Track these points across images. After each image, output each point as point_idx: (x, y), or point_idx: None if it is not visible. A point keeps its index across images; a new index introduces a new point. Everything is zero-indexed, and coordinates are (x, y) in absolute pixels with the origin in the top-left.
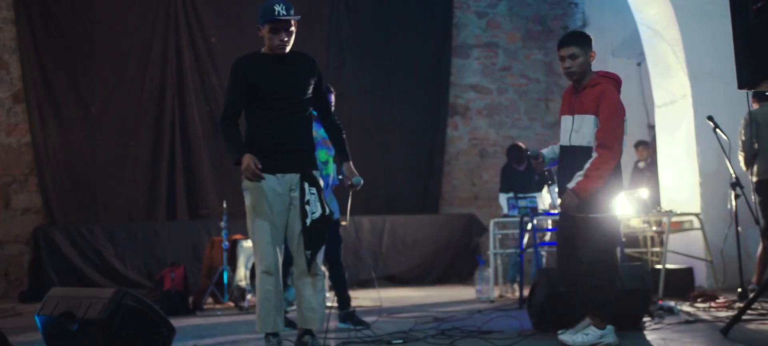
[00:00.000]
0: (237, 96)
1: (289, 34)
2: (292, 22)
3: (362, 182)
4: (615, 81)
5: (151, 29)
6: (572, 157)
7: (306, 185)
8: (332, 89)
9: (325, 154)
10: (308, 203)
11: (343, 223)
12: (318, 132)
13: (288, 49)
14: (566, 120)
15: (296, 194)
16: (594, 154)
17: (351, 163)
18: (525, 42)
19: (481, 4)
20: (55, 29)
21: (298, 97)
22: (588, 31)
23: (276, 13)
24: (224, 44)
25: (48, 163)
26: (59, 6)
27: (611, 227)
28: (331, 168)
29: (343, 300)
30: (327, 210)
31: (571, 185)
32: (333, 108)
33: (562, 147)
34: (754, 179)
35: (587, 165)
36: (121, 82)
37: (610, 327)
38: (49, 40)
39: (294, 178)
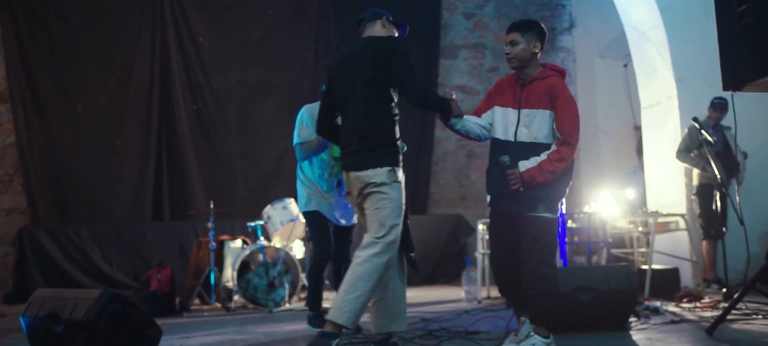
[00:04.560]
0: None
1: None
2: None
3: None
4: (562, 74)
5: (137, 28)
6: (520, 154)
7: None
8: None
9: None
10: None
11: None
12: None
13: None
14: (507, 113)
15: None
16: (553, 148)
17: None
18: None
19: (468, 6)
20: (39, 28)
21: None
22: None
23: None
24: (211, 43)
25: (33, 164)
26: (44, 4)
27: (556, 229)
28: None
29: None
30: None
31: (520, 169)
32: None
33: (498, 141)
34: (695, 182)
35: (543, 156)
36: (107, 81)
37: (552, 336)
38: (33, 38)
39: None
